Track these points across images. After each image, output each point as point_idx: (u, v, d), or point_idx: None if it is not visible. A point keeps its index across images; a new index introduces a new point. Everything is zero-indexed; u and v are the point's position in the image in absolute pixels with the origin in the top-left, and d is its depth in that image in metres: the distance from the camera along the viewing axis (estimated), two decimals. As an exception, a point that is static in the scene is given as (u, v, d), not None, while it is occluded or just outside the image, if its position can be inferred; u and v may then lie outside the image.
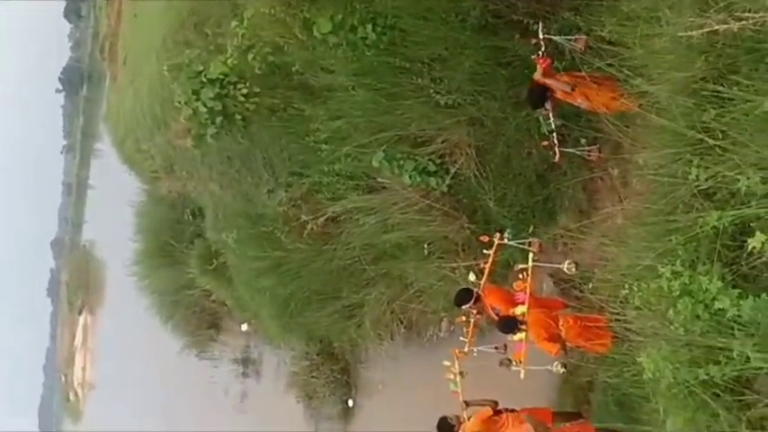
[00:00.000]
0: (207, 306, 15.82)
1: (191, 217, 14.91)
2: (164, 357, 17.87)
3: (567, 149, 8.86)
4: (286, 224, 11.54)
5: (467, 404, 7.53)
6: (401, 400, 12.38)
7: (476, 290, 7.78)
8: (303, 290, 12.05)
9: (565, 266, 7.63)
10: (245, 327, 15.26)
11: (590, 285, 9.91)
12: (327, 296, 11.90)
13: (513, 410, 7.45)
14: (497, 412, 7.39)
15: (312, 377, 13.14)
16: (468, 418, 7.37)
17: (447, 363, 7.74)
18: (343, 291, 11.63)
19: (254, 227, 12.13)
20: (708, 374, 4.69)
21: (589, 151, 9.00)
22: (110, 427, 25.29)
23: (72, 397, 32.43)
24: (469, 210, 10.10)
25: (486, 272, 7.90)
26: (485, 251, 8.18)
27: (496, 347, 7.96)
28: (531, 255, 7.63)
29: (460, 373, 7.63)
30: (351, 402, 13.10)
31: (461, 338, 8.27)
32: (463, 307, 7.83)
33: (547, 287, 9.86)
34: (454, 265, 10.25)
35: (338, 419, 13.19)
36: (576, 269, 7.69)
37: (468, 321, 8.11)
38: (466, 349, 8.05)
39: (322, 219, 11.15)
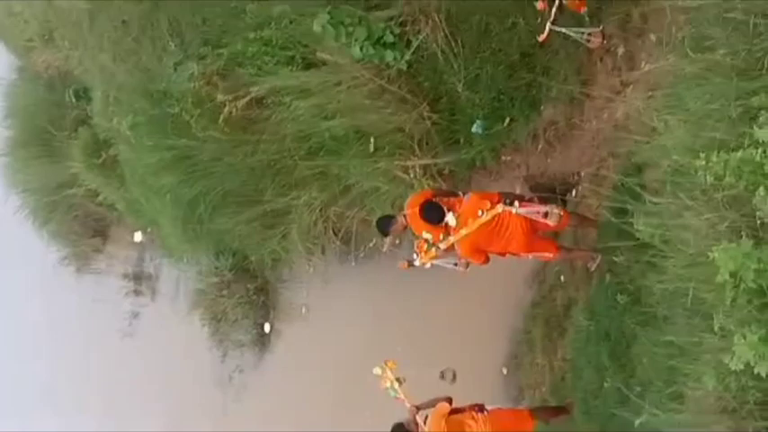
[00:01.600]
0: (92, 209, 14.19)
1: (73, 99, 13.02)
2: (37, 271, 16.06)
3: (561, 29, 7.58)
4: (197, 106, 9.86)
5: (417, 408, 7.14)
6: (327, 326, 11.28)
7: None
8: (215, 190, 10.52)
9: None
10: (138, 236, 13.79)
11: (573, 193, 8.92)
12: (246, 199, 10.45)
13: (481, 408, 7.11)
14: (455, 410, 7.03)
15: (222, 296, 11.85)
16: (425, 421, 7.01)
17: (378, 370, 7.31)
18: (266, 192, 10.20)
19: (156, 108, 10.42)
20: None
21: (589, 36, 7.76)
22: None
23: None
24: (432, 95, 8.99)
25: None
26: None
27: (456, 264, 7.42)
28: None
29: (397, 379, 7.26)
30: (267, 327, 11.94)
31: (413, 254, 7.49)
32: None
33: (521, 189, 8.93)
34: (408, 163, 9.11)
35: (251, 346, 12.04)
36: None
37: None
38: (417, 263, 7.45)
39: (244, 100, 9.61)
